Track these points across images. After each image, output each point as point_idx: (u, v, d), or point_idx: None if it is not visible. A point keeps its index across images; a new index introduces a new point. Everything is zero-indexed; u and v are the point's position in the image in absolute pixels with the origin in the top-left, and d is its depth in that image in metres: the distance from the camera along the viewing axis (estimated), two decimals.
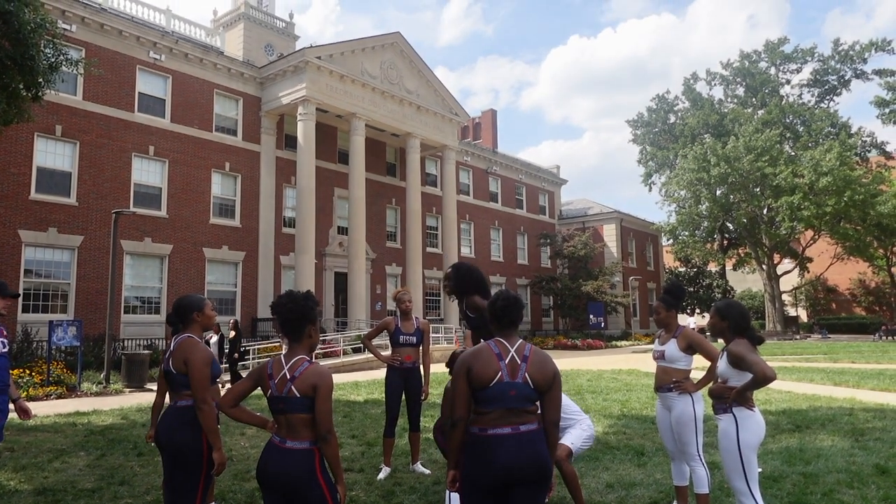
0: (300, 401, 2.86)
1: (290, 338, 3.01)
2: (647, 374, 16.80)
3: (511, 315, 3.07)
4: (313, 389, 2.86)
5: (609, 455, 6.87)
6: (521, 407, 2.90)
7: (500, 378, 2.89)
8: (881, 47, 45.10)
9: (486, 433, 2.87)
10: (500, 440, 2.83)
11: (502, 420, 2.87)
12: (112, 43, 21.44)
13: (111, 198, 20.74)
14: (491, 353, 2.97)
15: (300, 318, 2.98)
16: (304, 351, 3.01)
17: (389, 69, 28.10)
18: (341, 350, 21.66)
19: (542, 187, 43.28)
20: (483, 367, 2.93)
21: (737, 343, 3.75)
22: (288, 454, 2.87)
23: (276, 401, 2.92)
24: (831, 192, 37.21)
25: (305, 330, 3.00)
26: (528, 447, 2.84)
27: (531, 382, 2.91)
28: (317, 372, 2.91)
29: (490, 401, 2.89)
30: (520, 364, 2.94)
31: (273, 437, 2.96)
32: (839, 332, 47.99)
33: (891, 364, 19.24)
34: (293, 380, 2.89)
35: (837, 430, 8.23)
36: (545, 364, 2.99)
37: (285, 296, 3.06)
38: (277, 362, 2.98)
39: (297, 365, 2.93)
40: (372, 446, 7.51)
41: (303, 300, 3.01)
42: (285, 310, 2.99)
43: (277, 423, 2.96)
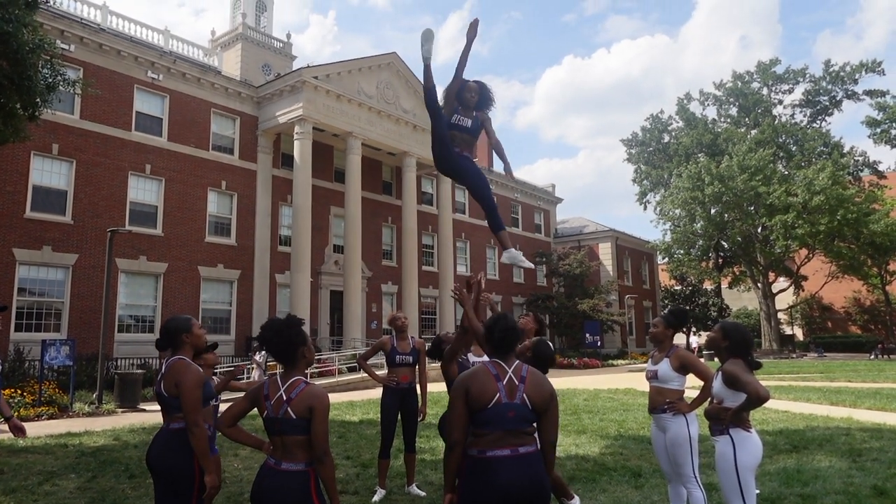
0: (296, 422, 2.84)
1: (284, 364, 3.00)
2: (643, 393, 16.72)
3: (510, 344, 3.07)
4: (309, 411, 2.84)
5: (606, 476, 6.82)
6: (519, 428, 2.89)
7: (498, 399, 2.88)
8: (871, 68, 45.67)
9: (485, 455, 2.85)
10: (500, 462, 2.82)
11: (501, 442, 2.86)
12: (110, 62, 21.55)
13: (107, 216, 20.71)
14: (489, 374, 2.96)
15: (289, 346, 2.97)
16: (300, 371, 2.99)
17: (386, 89, 28.30)
18: (336, 369, 21.53)
19: (537, 206, 43.43)
20: (481, 388, 2.91)
21: (732, 363, 3.74)
22: (283, 476, 2.84)
23: (272, 422, 2.90)
24: (825, 211, 37.44)
25: (298, 353, 2.99)
26: (528, 469, 2.83)
27: (529, 403, 2.91)
28: (313, 393, 2.89)
29: (488, 422, 2.88)
30: (517, 385, 2.93)
31: (268, 459, 2.93)
32: (835, 351, 47.96)
33: (887, 383, 19.21)
34: (289, 401, 2.86)
35: (835, 451, 8.19)
36: (542, 385, 2.99)
37: (268, 328, 3.02)
38: (273, 383, 2.96)
39: (293, 386, 2.91)
40: (367, 468, 7.44)
41: (286, 329, 2.98)
42: (273, 343, 2.98)
43: (273, 444, 2.94)
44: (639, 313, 46.93)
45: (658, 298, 50.52)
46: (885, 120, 43.68)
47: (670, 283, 53.94)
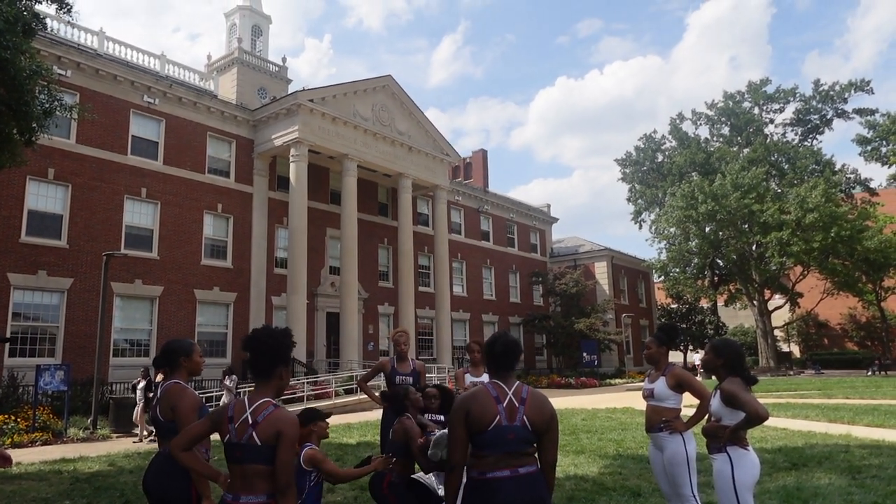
0: (260, 450, 2.60)
1: (259, 376, 2.77)
2: (641, 412, 16.63)
3: (510, 360, 3.06)
4: (276, 437, 2.60)
5: (605, 496, 6.78)
6: (519, 450, 2.88)
7: (498, 422, 2.87)
8: (860, 87, 46.32)
9: (485, 476, 2.85)
10: (500, 483, 2.81)
11: (501, 463, 2.85)
12: (107, 87, 21.71)
13: (102, 240, 20.70)
14: (489, 396, 2.95)
15: (275, 357, 2.75)
16: (271, 393, 2.75)
17: (381, 111, 28.54)
18: (333, 391, 21.40)
19: (533, 226, 43.58)
20: (481, 411, 2.90)
21: (730, 381, 3.76)
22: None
23: (232, 448, 2.65)
24: (818, 228, 37.69)
25: (277, 370, 2.77)
26: (528, 489, 2.83)
27: (529, 425, 2.90)
28: (282, 417, 2.64)
29: (488, 445, 2.87)
30: (517, 407, 2.92)
31: (224, 495, 2.65)
32: (832, 368, 47.93)
33: (885, 399, 19.20)
34: (255, 425, 2.62)
35: (834, 468, 8.17)
36: (543, 406, 2.97)
37: (263, 330, 2.81)
38: (239, 404, 2.71)
39: (261, 409, 2.66)
40: (365, 491, 7.37)
41: (281, 337, 2.78)
42: (262, 345, 2.75)
43: (231, 474, 2.68)
44: (636, 332, 46.88)
45: (655, 317, 50.51)
46: (875, 137, 44.19)
47: (666, 302, 53.99)
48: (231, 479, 2.67)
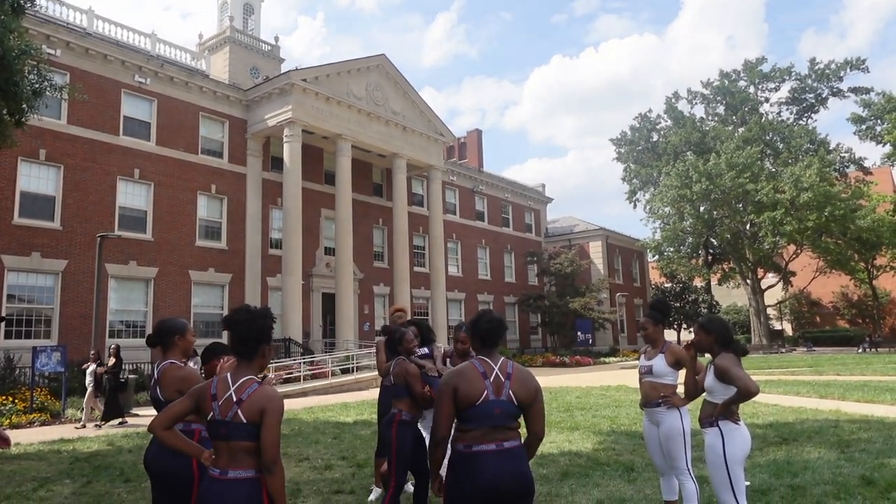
0: (246, 427, 2.59)
1: (242, 357, 2.74)
2: (635, 389, 16.80)
3: (495, 337, 3.10)
4: (261, 414, 2.59)
5: (599, 472, 6.89)
6: (504, 424, 2.94)
7: (485, 397, 2.93)
8: (856, 66, 46.21)
9: (471, 450, 2.90)
10: (486, 456, 2.87)
11: (486, 437, 2.90)
12: (97, 67, 21.45)
13: (96, 221, 20.61)
14: (476, 372, 3.00)
15: (257, 338, 2.73)
16: (254, 371, 2.73)
17: (375, 91, 28.33)
18: (329, 371, 21.52)
19: (528, 206, 43.57)
20: (469, 386, 2.95)
21: (723, 357, 3.83)
22: (230, 486, 2.57)
23: (217, 425, 2.62)
24: (812, 208, 37.82)
25: (259, 349, 2.75)
26: (512, 463, 2.88)
27: (515, 399, 2.96)
28: (266, 395, 2.62)
29: (475, 419, 2.93)
30: (503, 382, 2.97)
31: (211, 470, 2.64)
32: (824, 345, 48.44)
33: (875, 376, 19.45)
34: (240, 403, 2.60)
35: (824, 442, 8.31)
36: (527, 381, 3.03)
37: (242, 311, 2.78)
38: (222, 382, 2.69)
39: (244, 386, 2.64)
40: (362, 467, 7.47)
41: (262, 318, 2.75)
42: (242, 327, 2.72)
43: (217, 450, 2.66)
44: (630, 311, 47.17)
45: (648, 296, 50.78)
46: (869, 116, 44.16)
47: (660, 281, 54.28)
48: (217, 455, 2.66)
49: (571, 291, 38.82)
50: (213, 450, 2.70)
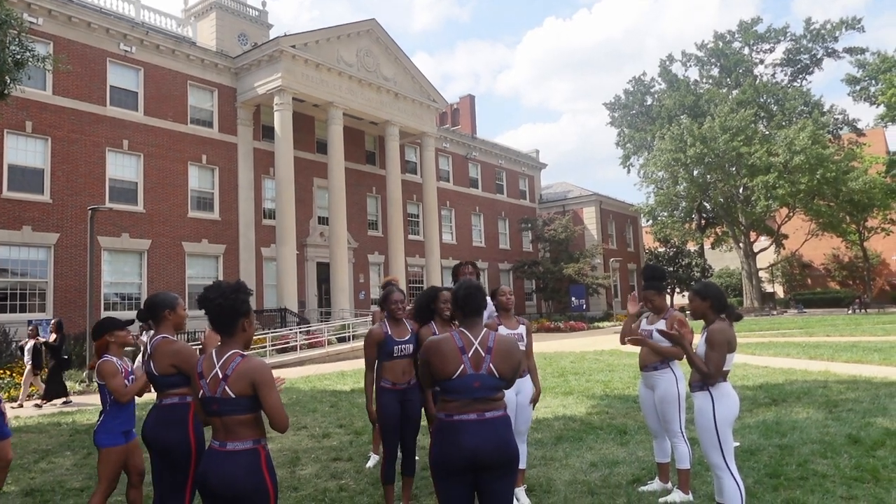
0: (236, 402, 2.64)
1: (223, 333, 2.78)
2: (628, 354, 17.04)
3: (473, 304, 3.06)
4: (252, 387, 2.64)
5: (592, 435, 7.02)
6: (486, 396, 2.92)
7: (462, 371, 2.91)
8: (851, 26, 45.69)
9: (452, 419, 2.91)
10: (466, 425, 2.87)
11: (468, 408, 2.90)
12: (81, 35, 21.00)
13: (86, 194, 20.44)
14: (454, 346, 2.96)
15: (231, 315, 2.74)
16: (239, 345, 2.76)
17: (366, 57, 27.89)
18: (326, 340, 21.67)
19: (521, 172, 43.40)
20: (443, 362, 2.94)
21: (719, 331, 3.84)
22: (229, 457, 2.64)
23: (209, 402, 2.68)
24: (805, 171, 37.83)
25: (238, 324, 2.77)
26: (493, 432, 2.88)
27: (496, 373, 2.93)
28: (251, 367, 2.66)
29: (454, 391, 2.92)
30: (484, 356, 2.94)
31: (212, 442, 2.71)
32: (814, 307, 48.97)
33: (864, 336, 19.73)
34: (226, 378, 2.65)
35: (812, 403, 8.47)
36: (510, 354, 2.99)
37: (213, 289, 2.77)
38: (208, 359, 2.74)
39: (228, 361, 2.68)
40: (360, 435, 7.59)
41: (232, 294, 2.74)
42: (214, 305, 2.73)
43: (213, 425, 2.72)
44: (623, 276, 47.44)
45: (642, 261, 51.03)
46: (864, 77, 43.88)
47: (654, 246, 54.49)
48: (214, 429, 2.73)
49: (565, 257, 38.96)
50: (211, 426, 2.76)
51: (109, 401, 4.09)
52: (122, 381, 4.05)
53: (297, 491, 5.41)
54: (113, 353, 4.16)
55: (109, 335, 4.22)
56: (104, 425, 4.09)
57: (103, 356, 4.14)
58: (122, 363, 4.17)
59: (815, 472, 5.25)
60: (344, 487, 5.46)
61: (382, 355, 4.56)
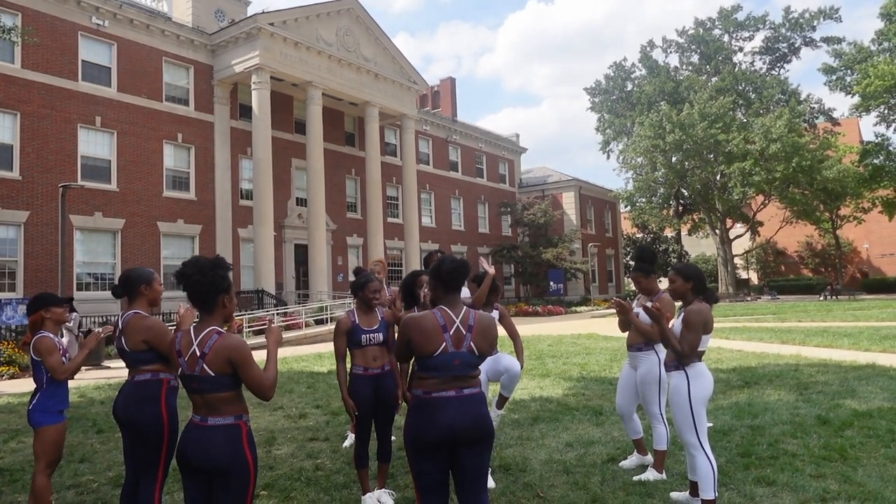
0: (214, 380, 2.62)
1: (202, 310, 2.74)
2: (605, 337, 17.25)
3: (458, 279, 3.05)
4: (230, 365, 2.62)
5: (568, 416, 7.07)
6: (464, 373, 2.94)
7: (444, 349, 2.91)
8: (829, 15, 46.16)
9: (430, 396, 2.91)
10: (444, 402, 2.88)
11: (446, 385, 2.90)
12: (51, 7, 20.38)
13: (57, 171, 19.96)
14: (436, 324, 2.94)
15: (210, 291, 2.70)
16: (218, 322, 2.73)
17: (346, 36, 27.50)
18: (303, 322, 21.54)
19: (501, 156, 43.35)
20: (425, 339, 2.92)
21: (696, 311, 3.87)
22: (210, 432, 2.63)
23: (189, 380, 2.67)
24: (781, 158, 38.33)
25: (218, 300, 2.73)
26: (471, 408, 2.90)
27: (476, 350, 2.96)
28: (229, 345, 2.63)
29: (434, 368, 2.91)
30: (465, 334, 2.95)
31: (193, 416, 2.69)
32: (788, 293, 49.93)
33: (835, 322, 20.16)
34: (203, 357, 2.62)
35: (783, 385, 8.63)
36: (489, 331, 3.03)
37: (191, 265, 2.72)
38: (186, 336, 2.71)
39: (206, 339, 2.65)
40: (336, 415, 7.56)
41: (211, 269, 2.70)
42: (192, 282, 2.68)
43: (193, 402, 2.70)
44: (601, 261, 47.84)
45: (620, 246, 51.48)
46: (840, 67, 44.42)
47: (632, 231, 54.99)
48: (195, 406, 2.70)
49: (544, 242, 39.13)
50: (192, 402, 2.72)
51: (46, 379, 3.99)
52: (59, 358, 3.97)
53: (273, 470, 5.37)
54: (49, 330, 4.06)
55: (45, 311, 4.10)
56: (40, 404, 3.99)
57: (39, 332, 4.03)
58: (59, 340, 4.07)
59: (786, 451, 5.35)
60: (320, 467, 5.43)
61: (351, 344, 4.49)
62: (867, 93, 40.23)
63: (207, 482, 2.67)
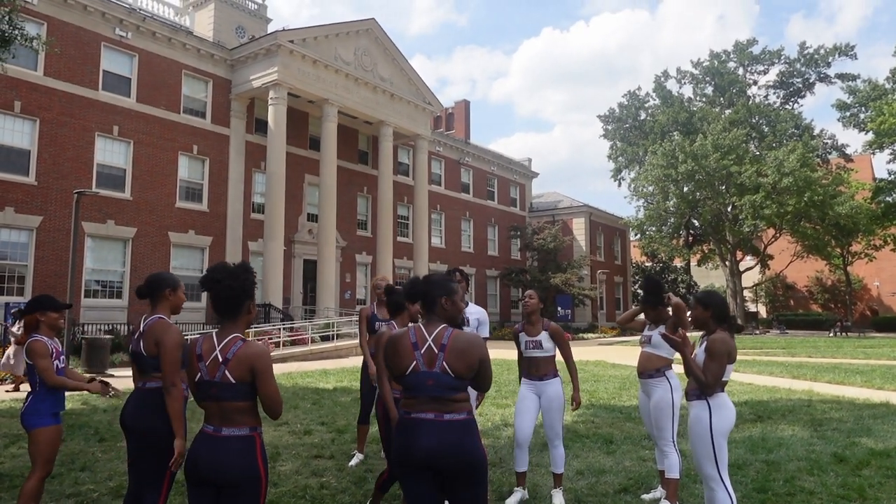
0: (235, 387, 2.56)
1: (226, 316, 2.70)
2: (613, 365, 17.06)
3: (428, 299, 2.92)
4: (251, 373, 2.57)
5: (578, 443, 6.94)
6: (443, 395, 2.77)
7: (415, 367, 2.79)
8: (844, 52, 46.27)
9: (409, 416, 2.81)
10: (422, 424, 2.76)
11: (425, 406, 2.78)
12: (76, 18, 20.73)
13: (72, 178, 20.12)
14: (407, 341, 2.85)
15: (239, 296, 2.67)
16: (240, 329, 2.70)
17: (363, 56, 27.79)
18: (309, 338, 21.46)
19: (513, 179, 43.44)
20: (396, 356, 2.85)
21: (720, 340, 3.78)
22: (224, 442, 2.56)
23: (207, 386, 2.59)
24: (793, 192, 38.16)
25: (244, 307, 2.70)
26: (451, 436, 2.72)
27: (451, 371, 2.76)
28: (253, 352, 2.59)
29: (410, 388, 2.82)
30: (437, 353, 2.79)
31: (205, 426, 2.63)
32: (797, 328, 49.40)
33: (845, 359, 19.87)
34: (226, 363, 2.57)
35: (797, 421, 8.46)
36: (467, 352, 2.79)
37: (220, 270, 2.69)
38: (208, 341, 2.66)
39: (229, 345, 2.61)
40: (342, 433, 7.45)
41: (242, 274, 2.68)
42: (223, 287, 2.64)
43: (207, 410, 2.63)
44: (610, 288, 47.59)
45: (629, 274, 51.24)
46: (854, 104, 44.41)
47: (641, 260, 54.76)
48: (208, 415, 2.63)
49: (553, 267, 38.99)
50: (203, 410, 2.66)
51: (38, 382, 3.97)
52: (50, 362, 3.94)
53: (277, 487, 5.27)
54: (43, 334, 4.04)
55: (41, 314, 4.08)
56: (32, 406, 3.97)
57: (33, 335, 4.01)
58: (53, 343, 4.04)
59: (803, 488, 5.21)
60: (325, 485, 5.33)
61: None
62: (881, 130, 40.17)
63: (215, 495, 2.59)
